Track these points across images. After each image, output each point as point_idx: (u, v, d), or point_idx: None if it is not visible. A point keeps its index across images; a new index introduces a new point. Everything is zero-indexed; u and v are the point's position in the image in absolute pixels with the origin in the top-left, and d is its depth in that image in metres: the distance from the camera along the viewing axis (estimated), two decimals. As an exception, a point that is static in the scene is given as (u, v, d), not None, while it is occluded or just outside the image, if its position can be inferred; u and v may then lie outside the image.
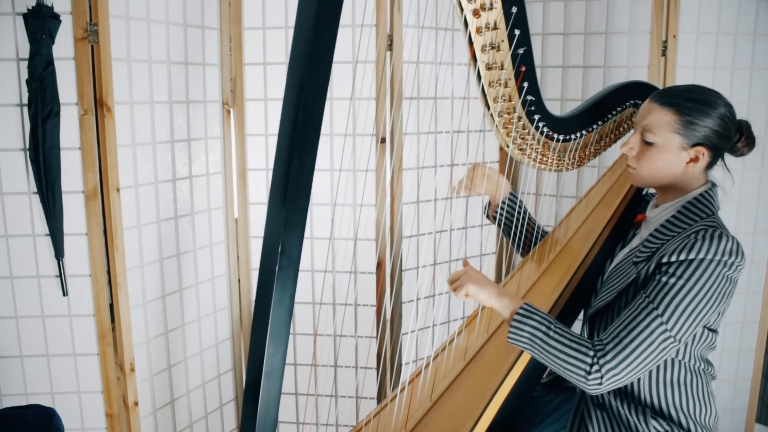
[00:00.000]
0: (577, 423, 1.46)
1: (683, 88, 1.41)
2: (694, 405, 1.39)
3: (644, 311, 1.26)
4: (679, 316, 1.24)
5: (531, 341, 1.31)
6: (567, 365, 1.27)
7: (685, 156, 1.38)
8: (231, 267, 2.42)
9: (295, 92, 0.99)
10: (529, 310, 1.33)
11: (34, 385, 1.93)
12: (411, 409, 1.43)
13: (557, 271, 1.67)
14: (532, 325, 1.30)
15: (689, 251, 1.26)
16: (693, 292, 1.24)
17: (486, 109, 1.57)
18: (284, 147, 1.01)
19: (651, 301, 1.26)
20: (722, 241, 1.25)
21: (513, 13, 1.43)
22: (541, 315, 1.32)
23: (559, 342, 1.28)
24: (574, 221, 1.88)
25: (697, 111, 1.35)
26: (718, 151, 1.39)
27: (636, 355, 1.24)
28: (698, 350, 1.38)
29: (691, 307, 1.24)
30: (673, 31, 2.30)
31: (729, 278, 1.26)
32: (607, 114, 1.78)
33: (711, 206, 1.38)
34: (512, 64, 1.50)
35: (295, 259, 1.03)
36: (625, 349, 1.24)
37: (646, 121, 1.40)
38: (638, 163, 1.43)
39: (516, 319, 1.32)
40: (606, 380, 1.24)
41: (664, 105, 1.38)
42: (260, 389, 1.05)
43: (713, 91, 1.39)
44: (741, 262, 1.26)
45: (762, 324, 2.52)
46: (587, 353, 1.25)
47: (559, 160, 1.76)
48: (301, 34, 1.00)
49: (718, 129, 1.36)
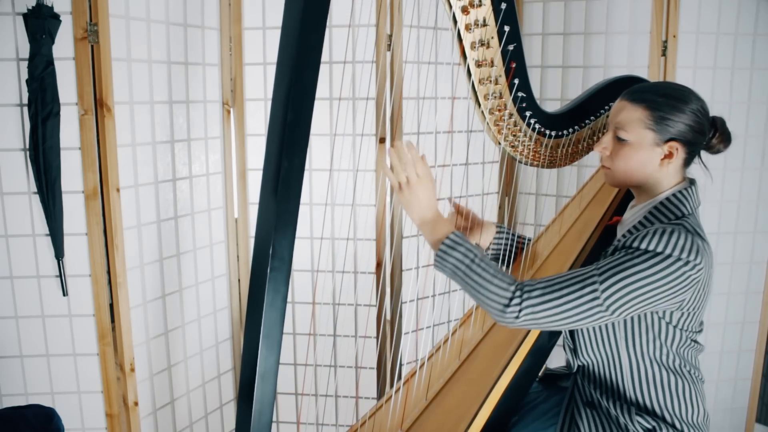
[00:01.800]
0: (567, 421, 1.46)
1: (653, 85, 1.41)
2: (679, 405, 1.39)
3: (587, 272, 1.27)
4: (615, 287, 1.23)
5: (454, 270, 1.31)
6: (488, 294, 1.27)
7: (659, 152, 1.37)
8: (231, 267, 2.42)
9: (283, 93, 1.00)
10: (456, 240, 1.32)
11: (34, 385, 1.94)
12: (407, 408, 1.43)
13: (551, 268, 1.67)
14: (457, 257, 1.30)
15: (642, 241, 1.25)
16: (638, 274, 1.23)
17: (476, 107, 1.57)
18: (273, 148, 1.01)
19: (597, 267, 1.27)
20: (674, 237, 1.24)
21: (502, 9, 1.43)
22: (467, 246, 1.31)
23: (481, 273, 1.28)
24: (568, 218, 1.87)
25: (667, 106, 1.34)
26: (692, 146, 1.38)
27: (560, 303, 1.25)
28: (678, 349, 1.38)
29: (630, 284, 1.23)
30: (673, 31, 2.29)
31: (686, 275, 1.24)
32: (599, 109, 1.77)
33: (683, 206, 1.37)
34: (502, 61, 1.50)
35: (286, 261, 1.04)
36: (553, 293, 1.25)
37: (618, 119, 1.39)
38: (612, 163, 1.42)
39: (441, 248, 1.32)
40: (523, 314, 1.25)
41: (635, 101, 1.37)
42: (254, 391, 1.05)
43: (683, 87, 1.39)
44: (699, 262, 1.24)
45: (762, 324, 2.52)
46: (509, 287, 1.26)
47: (552, 156, 1.75)
48: (289, 36, 1.00)
49: (691, 123, 1.35)
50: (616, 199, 1.80)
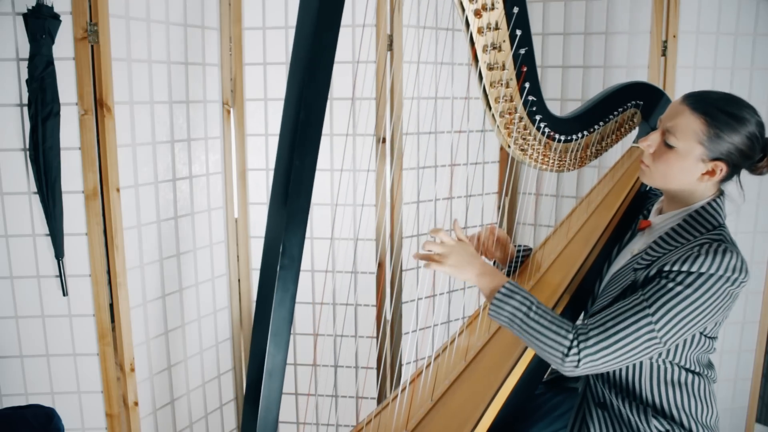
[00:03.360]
0: (578, 422, 1.46)
1: (718, 96, 1.34)
2: (696, 404, 1.39)
3: (636, 307, 1.26)
4: (669, 320, 1.23)
5: (511, 320, 1.30)
6: (546, 345, 1.26)
7: (701, 167, 1.33)
8: (231, 267, 2.42)
9: (296, 93, 1.00)
10: (511, 290, 1.31)
11: (34, 385, 1.93)
12: (412, 409, 1.43)
13: (557, 273, 1.67)
14: (513, 305, 1.30)
15: (692, 263, 1.24)
16: (689, 301, 1.23)
17: (487, 110, 1.57)
18: (285, 147, 1.01)
19: (645, 299, 1.26)
20: (726, 257, 1.23)
21: (515, 13, 1.43)
22: (523, 294, 1.31)
23: (539, 322, 1.27)
24: (575, 223, 1.87)
25: (727, 125, 1.29)
26: (736, 168, 1.36)
27: (618, 346, 1.24)
28: (694, 355, 1.37)
29: (683, 314, 1.23)
30: (673, 31, 2.29)
31: (730, 293, 1.25)
32: (608, 115, 1.77)
33: (717, 217, 1.35)
34: (514, 65, 1.50)
35: (296, 259, 1.04)
36: (609, 338, 1.24)
37: (672, 123, 1.34)
38: (653, 162, 1.39)
39: (497, 297, 1.31)
40: (582, 363, 1.24)
41: (696, 111, 1.31)
42: (261, 389, 1.05)
43: (748, 106, 1.33)
44: (745, 278, 1.25)
45: (762, 324, 2.52)
46: (567, 335, 1.25)
47: (561, 160, 1.76)
48: (303, 35, 1.00)
49: (743, 148, 1.31)
50: (624, 203, 1.80)
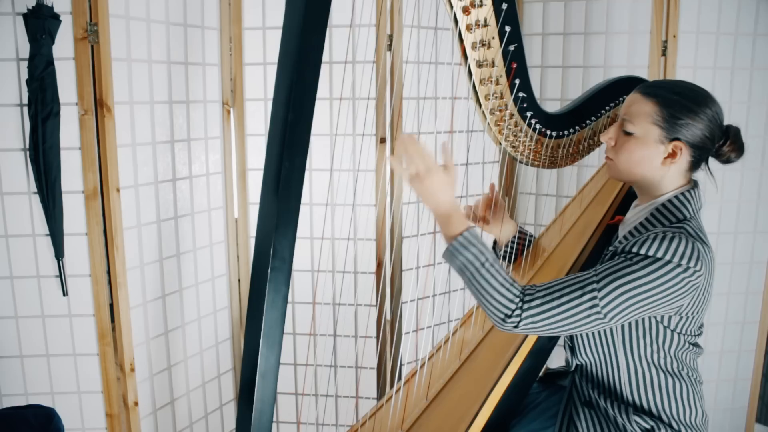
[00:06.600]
0: (566, 422, 1.46)
1: (670, 82, 1.39)
2: (676, 406, 1.39)
3: (585, 279, 1.26)
4: (614, 294, 1.23)
5: (462, 269, 1.29)
6: (490, 303, 1.26)
7: (662, 150, 1.35)
8: (231, 267, 2.42)
9: (284, 93, 1.00)
10: (470, 240, 1.28)
11: (34, 385, 1.94)
12: (407, 408, 1.43)
13: (552, 269, 1.67)
14: (468, 257, 1.27)
15: (641, 246, 1.25)
16: (636, 279, 1.23)
17: (477, 107, 1.57)
18: (274, 148, 1.01)
19: (595, 274, 1.26)
20: (674, 243, 1.23)
21: (503, 9, 1.43)
22: (480, 248, 1.28)
23: (488, 279, 1.26)
24: (569, 219, 1.87)
25: (679, 105, 1.32)
26: (699, 151, 1.36)
27: (559, 310, 1.24)
28: (676, 352, 1.37)
29: (629, 292, 1.23)
30: (673, 31, 2.29)
31: (685, 281, 1.24)
32: (599, 110, 1.77)
33: (686, 209, 1.35)
34: (503, 61, 1.49)
35: (287, 260, 1.04)
36: (552, 301, 1.25)
37: (627, 111, 1.38)
38: (616, 154, 1.41)
39: (454, 245, 1.29)
40: (522, 324, 1.25)
41: (647, 95, 1.35)
42: (255, 390, 1.05)
43: (701, 89, 1.36)
44: (700, 269, 1.24)
45: (762, 324, 2.52)
46: (513, 299, 1.25)
47: (553, 156, 1.75)
48: (290, 35, 1.00)
49: (700, 126, 1.33)
50: (617, 199, 1.80)
